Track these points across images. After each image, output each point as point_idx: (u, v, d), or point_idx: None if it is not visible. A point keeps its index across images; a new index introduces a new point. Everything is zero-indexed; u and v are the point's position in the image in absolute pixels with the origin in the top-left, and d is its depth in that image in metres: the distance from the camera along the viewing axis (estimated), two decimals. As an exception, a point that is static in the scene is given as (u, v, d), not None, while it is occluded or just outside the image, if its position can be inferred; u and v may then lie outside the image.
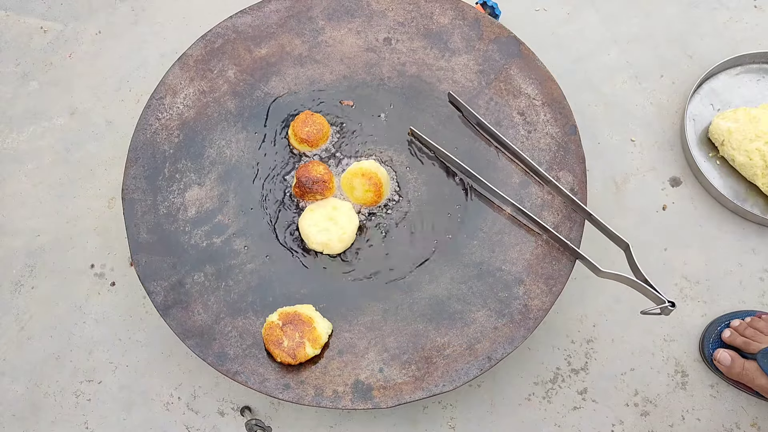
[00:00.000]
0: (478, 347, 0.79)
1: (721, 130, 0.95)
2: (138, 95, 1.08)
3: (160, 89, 0.92)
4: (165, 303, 0.82)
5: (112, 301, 0.97)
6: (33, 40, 1.13)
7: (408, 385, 0.77)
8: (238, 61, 0.94)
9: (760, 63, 1.03)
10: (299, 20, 0.95)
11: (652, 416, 0.88)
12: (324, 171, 0.85)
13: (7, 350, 0.95)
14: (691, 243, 0.95)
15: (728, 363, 0.84)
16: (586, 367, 0.90)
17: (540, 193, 0.86)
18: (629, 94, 1.04)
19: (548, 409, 0.89)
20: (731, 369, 0.84)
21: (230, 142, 0.91)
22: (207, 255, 0.85)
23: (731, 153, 0.94)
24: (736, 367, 0.84)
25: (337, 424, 0.89)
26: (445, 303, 0.82)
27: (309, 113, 0.89)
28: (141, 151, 0.89)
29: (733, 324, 0.87)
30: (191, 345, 0.80)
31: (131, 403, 0.92)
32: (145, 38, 1.12)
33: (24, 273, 0.99)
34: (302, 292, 0.84)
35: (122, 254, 0.99)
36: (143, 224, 0.86)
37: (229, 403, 0.90)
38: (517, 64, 0.92)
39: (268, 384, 0.78)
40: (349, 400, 0.77)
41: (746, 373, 0.83)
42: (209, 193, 0.88)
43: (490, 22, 0.94)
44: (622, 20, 1.09)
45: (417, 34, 0.94)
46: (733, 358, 0.84)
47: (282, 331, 0.78)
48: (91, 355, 0.94)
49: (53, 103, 1.09)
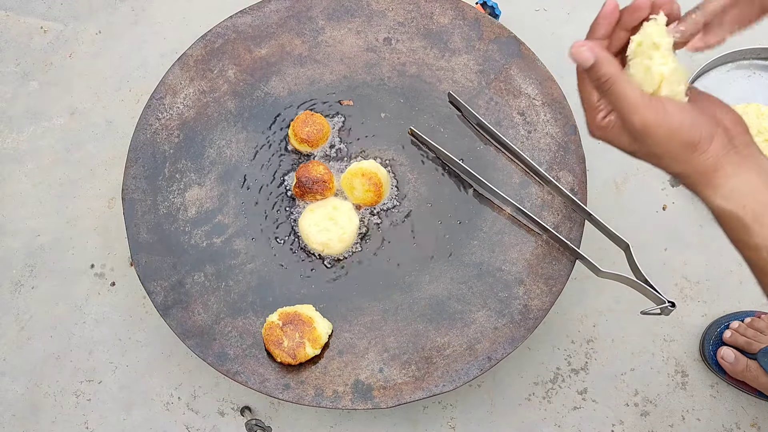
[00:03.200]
0: (478, 347, 0.79)
1: None
2: (138, 95, 1.08)
3: (160, 89, 0.92)
4: (165, 303, 0.82)
5: (112, 301, 0.97)
6: (33, 40, 1.13)
7: (408, 385, 0.77)
8: (238, 61, 0.94)
9: (751, 59, 1.03)
10: (299, 20, 0.95)
11: (652, 416, 0.88)
12: (324, 171, 0.85)
13: (7, 350, 0.95)
14: (691, 243, 0.95)
15: (732, 360, 0.85)
16: (586, 367, 0.90)
17: (540, 193, 0.86)
18: (629, 94, 1.04)
19: (548, 409, 0.89)
20: (735, 367, 0.85)
21: (230, 142, 0.91)
22: (207, 255, 0.85)
23: None
24: (739, 365, 0.84)
25: (337, 424, 0.89)
26: (445, 303, 0.82)
27: (309, 113, 0.89)
28: (141, 151, 0.89)
29: (732, 326, 0.87)
30: (191, 345, 0.80)
31: (131, 403, 0.92)
32: (145, 38, 1.12)
33: (24, 273, 0.99)
34: (302, 292, 0.84)
35: (122, 254, 0.99)
36: (143, 224, 0.86)
37: (229, 403, 0.90)
38: (517, 64, 0.91)
39: (268, 384, 0.78)
40: (349, 400, 0.77)
41: (749, 371, 0.83)
42: (209, 193, 0.88)
43: (490, 22, 0.94)
44: (622, 20, 1.09)
45: (417, 34, 0.94)
46: (737, 356, 0.85)
47: (282, 331, 0.78)
48: (91, 355, 0.94)
49: (53, 103, 1.09)
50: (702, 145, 0.52)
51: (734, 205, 0.52)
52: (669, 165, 0.54)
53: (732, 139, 0.53)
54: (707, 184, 0.53)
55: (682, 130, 0.51)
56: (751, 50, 1.02)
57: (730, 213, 0.52)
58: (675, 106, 0.52)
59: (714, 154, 0.52)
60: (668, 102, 0.52)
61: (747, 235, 0.52)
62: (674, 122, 0.51)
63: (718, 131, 0.52)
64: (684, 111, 0.52)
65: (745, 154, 0.53)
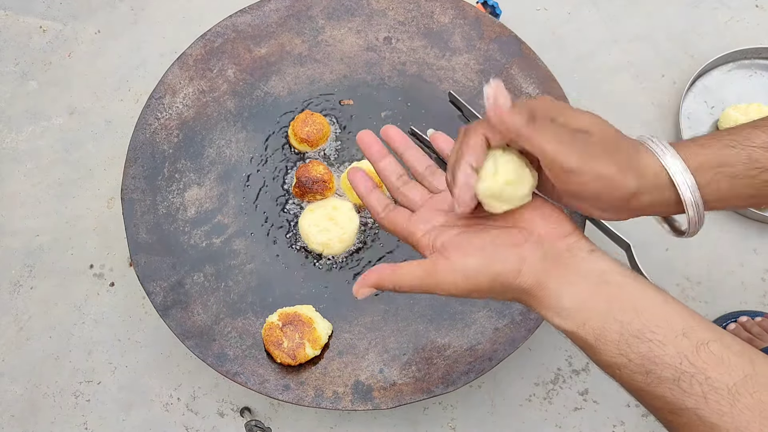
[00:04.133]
0: (479, 348, 0.78)
1: (730, 120, 0.95)
2: (137, 95, 1.08)
3: (159, 89, 0.91)
4: (164, 303, 0.82)
5: (112, 302, 0.96)
6: (32, 40, 1.13)
7: (408, 386, 0.77)
8: (238, 60, 0.93)
9: (752, 58, 1.03)
10: (299, 19, 0.95)
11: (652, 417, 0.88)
12: (324, 171, 0.85)
13: (6, 351, 0.95)
14: (693, 243, 0.95)
15: None
16: (587, 368, 0.90)
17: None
18: (630, 93, 1.04)
19: (549, 409, 0.89)
20: None
21: (230, 142, 0.90)
22: (207, 255, 0.85)
23: None
24: None
25: (337, 425, 0.89)
26: (445, 304, 0.81)
27: (309, 113, 0.89)
28: (140, 151, 0.89)
29: (740, 320, 0.87)
30: (191, 346, 0.80)
31: (130, 404, 0.91)
32: (144, 38, 1.12)
33: (23, 273, 0.99)
34: (302, 293, 0.83)
35: (122, 254, 0.98)
36: (143, 224, 0.86)
37: (228, 404, 0.90)
38: (517, 63, 0.91)
39: (267, 385, 0.77)
40: (349, 401, 0.77)
41: None
42: (209, 193, 0.88)
43: (491, 21, 0.93)
44: (622, 20, 1.09)
45: (417, 34, 0.94)
46: None
47: (282, 332, 0.77)
48: (90, 356, 0.94)
49: (52, 103, 1.09)
50: (507, 275, 0.47)
51: (572, 325, 0.46)
52: (497, 298, 0.49)
53: (546, 251, 0.47)
54: (540, 305, 0.47)
55: (478, 275, 0.47)
56: (752, 50, 1.02)
57: (572, 333, 0.46)
58: (458, 253, 0.48)
59: (530, 274, 0.46)
60: (453, 251, 0.48)
61: (596, 355, 0.46)
62: (466, 269, 0.47)
63: (525, 249, 0.47)
64: (468, 255, 0.48)
65: (566, 262, 0.47)
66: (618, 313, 0.45)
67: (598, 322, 0.45)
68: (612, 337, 0.45)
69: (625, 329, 0.44)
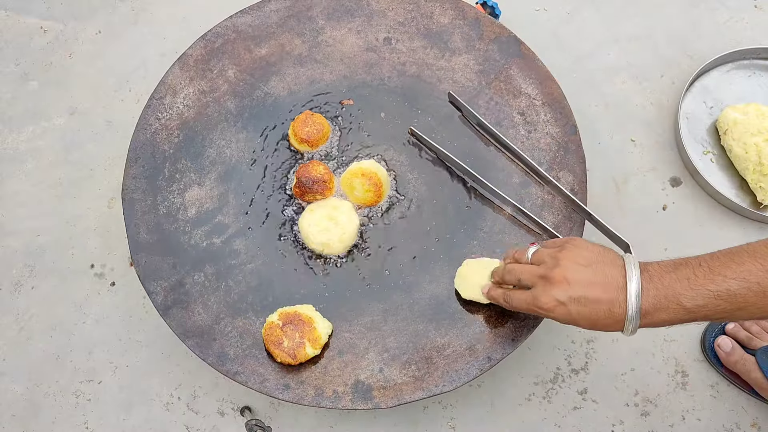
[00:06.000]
0: (479, 347, 0.79)
1: (728, 120, 0.95)
2: (138, 95, 1.08)
3: (160, 89, 0.91)
4: (165, 303, 0.82)
5: (112, 301, 0.97)
6: (33, 40, 1.13)
7: (408, 385, 0.77)
8: (238, 60, 0.94)
9: (751, 59, 1.03)
10: (299, 20, 0.95)
11: (652, 416, 0.88)
12: (324, 171, 0.85)
13: (7, 350, 0.95)
14: (692, 243, 0.95)
15: (728, 349, 0.85)
16: (586, 367, 0.90)
17: (540, 193, 0.86)
18: (629, 94, 1.04)
19: (548, 409, 0.89)
20: (730, 356, 0.85)
21: (230, 142, 0.91)
22: (207, 255, 0.85)
23: (730, 143, 0.95)
24: (735, 355, 0.84)
25: (337, 424, 0.89)
26: (445, 303, 0.82)
27: (309, 113, 0.89)
28: (141, 151, 0.89)
29: None
30: (191, 345, 0.80)
31: (131, 403, 0.92)
32: (145, 38, 1.12)
33: (24, 273, 0.99)
34: (302, 292, 0.84)
35: (122, 254, 0.99)
36: (143, 224, 0.86)
37: (229, 403, 0.90)
38: (517, 63, 0.91)
39: (268, 384, 0.78)
40: (349, 400, 0.77)
41: (743, 363, 0.84)
42: (209, 193, 0.88)
43: (491, 21, 0.94)
44: (622, 20, 1.09)
45: (417, 34, 0.94)
46: (733, 345, 0.85)
47: (282, 332, 0.78)
48: (91, 355, 0.94)
49: (53, 103, 1.09)
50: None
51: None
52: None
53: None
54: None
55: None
56: (751, 50, 1.02)
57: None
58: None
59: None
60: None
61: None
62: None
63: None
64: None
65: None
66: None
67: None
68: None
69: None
